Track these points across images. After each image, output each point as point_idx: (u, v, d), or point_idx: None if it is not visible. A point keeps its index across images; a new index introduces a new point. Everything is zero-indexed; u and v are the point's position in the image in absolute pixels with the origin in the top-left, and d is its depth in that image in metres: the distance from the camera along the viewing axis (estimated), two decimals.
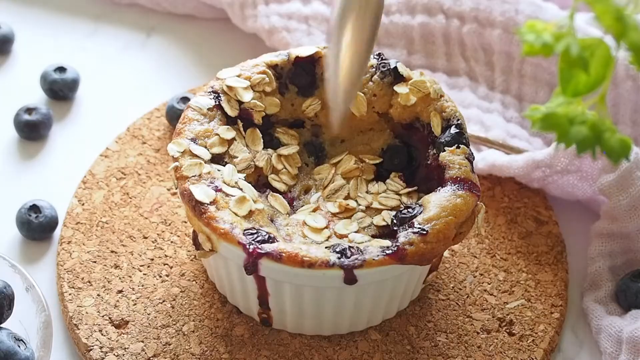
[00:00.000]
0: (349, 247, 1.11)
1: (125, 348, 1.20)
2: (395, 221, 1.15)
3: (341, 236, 1.15)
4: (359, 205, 1.19)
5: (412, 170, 1.23)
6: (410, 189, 1.20)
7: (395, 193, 1.20)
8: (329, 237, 1.15)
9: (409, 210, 1.15)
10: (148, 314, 1.23)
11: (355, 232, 1.16)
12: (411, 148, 1.24)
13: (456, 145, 1.19)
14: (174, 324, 1.22)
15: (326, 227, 1.16)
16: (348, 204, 1.18)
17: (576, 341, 1.26)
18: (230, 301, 1.23)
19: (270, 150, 1.23)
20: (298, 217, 1.18)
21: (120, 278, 1.26)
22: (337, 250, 1.10)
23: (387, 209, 1.18)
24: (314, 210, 1.19)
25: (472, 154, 1.19)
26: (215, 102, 1.22)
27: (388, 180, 1.22)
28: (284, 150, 1.23)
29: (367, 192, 1.21)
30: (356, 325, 1.20)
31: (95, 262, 1.27)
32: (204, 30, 1.59)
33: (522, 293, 1.27)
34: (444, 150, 1.19)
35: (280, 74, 1.26)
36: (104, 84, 1.52)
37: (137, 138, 1.41)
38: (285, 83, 1.26)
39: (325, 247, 1.11)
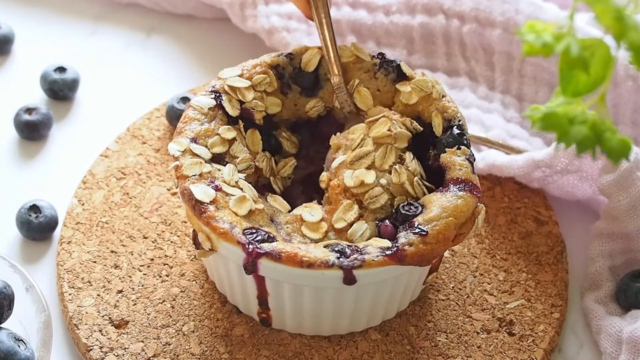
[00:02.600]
0: (347, 245, 1.11)
1: (125, 348, 1.20)
2: (396, 218, 1.14)
3: (339, 230, 1.14)
4: (380, 178, 1.15)
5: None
6: (429, 184, 1.18)
7: (421, 179, 1.18)
8: (326, 232, 1.14)
9: (410, 208, 1.14)
10: (148, 314, 1.23)
11: (355, 219, 1.14)
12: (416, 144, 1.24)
13: (457, 146, 1.19)
14: (174, 324, 1.22)
15: (322, 220, 1.15)
16: (364, 180, 1.15)
17: (576, 341, 1.26)
18: (230, 301, 1.23)
19: (268, 154, 1.23)
20: (296, 212, 1.17)
21: (120, 278, 1.26)
22: (337, 249, 1.10)
23: (413, 197, 1.16)
24: (335, 175, 1.17)
25: (473, 155, 1.19)
26: (217, 101, 1.22)
27: (416, 160, 1.19)
28: (281, 164, 1.24)
29: (399, 162, 1.17)
30: (355, 325, 1.20)
31: (95, 262, 1.27)
32: (204, 30, 1.59)
33: (522, 293, 1.27)
34: (445, 151, 1.19)
35: (282, 74, 1.26)
36: (104, 84, 1.52)
37: (137, 138, 1.41)
38: (288, 83, 1.26)
39: (324, 246, 1.11)
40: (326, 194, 1.18)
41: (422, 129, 1.21)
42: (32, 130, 1.42)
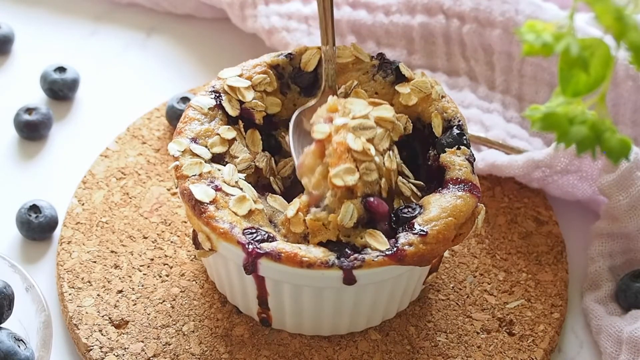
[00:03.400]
0: (345, 243, 1.11)
1: (125, 348, 1.20)
2: (394, 219, 1.14)
3: (334, 186, 1.10)
4: (375, 155, 1.13)
5: (416, 168, 1.22)
6: (418, 182, 1.19)
7: (407, 179, 1.18)
8: (304, 221, 1.13)
9: (409, 210, 1.15)
10: (148, 314, 1.23)
11: (352, 185, 1.11)
12: (416, 145, 1.24)
13: (457, 146, 1.19)
14: (174, 324, 1.22)
15: (299, 210, 1.13)
16: (369, 149, 1.12)
17: (576, 341, 1.26)
18: (230, 301, 1.23)
19: (268, 153, 1.23)
20: (286, 210, 1.16)
21: (120, 278, 1.26)
22: (336, 249, 1.10)
23: (391, 187, 1.15)
24: (336, 132, 1.14)
25: (473, 155, 1.19)
26: (216, 101, 1.22)
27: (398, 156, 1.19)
28: (281, 164, 1.24)
29: (387, 150, 1.16)
30: (355, 325, 1.20)
31: (95, 262, 1.27)
32: (204, 30, 1.59)
33: (522, 293, 1.27)
34: (445, 152, 1.19)
35: (282, 74, 1.26)
36: (104, 84, 1.52)
37: (137, 138, 1.41)
38: (287, 83, 1.26)
39: (318, 243, 1.11)
40: (327, 148, 1.14)
41: (411, 132, 1.22)
42: (32, 130, 1.42)
